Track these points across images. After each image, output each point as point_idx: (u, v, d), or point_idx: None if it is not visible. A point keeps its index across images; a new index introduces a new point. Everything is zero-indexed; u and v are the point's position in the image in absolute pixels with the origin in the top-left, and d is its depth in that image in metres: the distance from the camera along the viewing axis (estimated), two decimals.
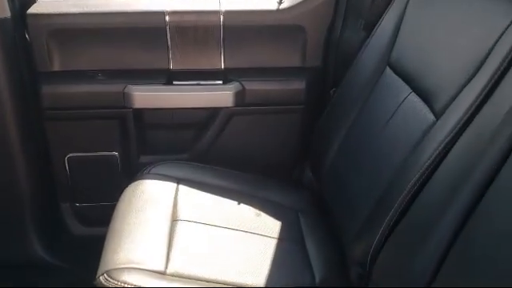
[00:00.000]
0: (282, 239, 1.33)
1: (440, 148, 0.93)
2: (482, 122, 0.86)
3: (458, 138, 0.90)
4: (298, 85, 1.63)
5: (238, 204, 1.44)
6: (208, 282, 1.12)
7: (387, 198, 1.04)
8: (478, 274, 0.76)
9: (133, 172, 1.55)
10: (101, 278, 1.09)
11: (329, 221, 1.41)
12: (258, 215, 1.42)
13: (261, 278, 1.17)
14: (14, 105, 1.53)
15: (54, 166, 1.70)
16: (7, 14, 1.45)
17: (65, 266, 1.75)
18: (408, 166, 1.01)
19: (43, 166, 1.70)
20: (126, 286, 1.05)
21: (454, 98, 0.96)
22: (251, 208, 1.44)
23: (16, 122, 1.56)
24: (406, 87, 1.18)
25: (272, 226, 1.37)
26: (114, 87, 1.57)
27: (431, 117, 1.02)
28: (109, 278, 1.08)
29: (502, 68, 0.87)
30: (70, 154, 1.67)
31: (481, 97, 0.89)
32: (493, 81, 0.88)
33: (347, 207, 1.23)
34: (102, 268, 1.12)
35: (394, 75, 1.25)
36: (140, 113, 1.63)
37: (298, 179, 1.73)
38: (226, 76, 1.61)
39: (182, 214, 1.32)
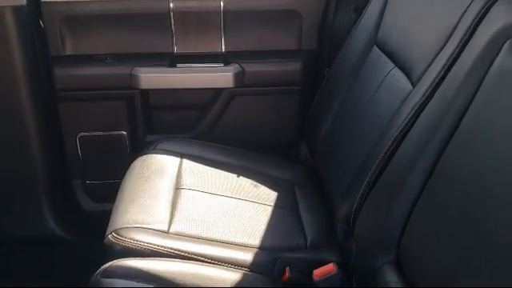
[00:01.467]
0: (277, 207, 1.43)
1: (412, 112, 1.03)
2: (446, 88, 0.96)
3: (428, 103, 1.00)
4: (294, 66, 1.73)
5: (238, 177, 1.55)
6: (207, 240, 1.22)
7: (368, 161, 1.14)
8: (442, 224, 0.85)
9: (140, 150, 1.66)
10: (109, 236, 1.20)
11: (322, 191, 1.51)
12: (256, 186, 1.52)
13: (257, 238, 1.27)
14: (29, 87, 1.65)
15: (66, 145, 1.81)
16: (23, 2, 1.56)
17: (77, 241, 1.86)
18: (387, 130, 1.10)
19: (56, 144, 1.81)
20: (132, 241, 1.16)
21: (426, 69, 1.06)
22: (249, 180, 1.54)
23: (31, 103, 1.67)
24: (390, 62, 1.27)
25: (269, 196, 1.48)
26: (121, 69, 1.69)
27: (409, 86, 1.12)
28: (117, 236, 1.18)
29: (463, 41, 0.97)
30: (81, 134, 1.78)
31: (446, 66, 0.99)
32: (455, 54, 0.98)
33: (336, 174, 1.33)
34: (111, 228, 1.23)
35: (380, 52, 1.35)
36: (146, 94, 1.74)
37: (295, 156, 1.82)
38: (226, 59, 1.72)
39: (184, 183, 1.43)
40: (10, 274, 1.76)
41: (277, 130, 1.82)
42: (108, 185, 1.85)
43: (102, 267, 1.08)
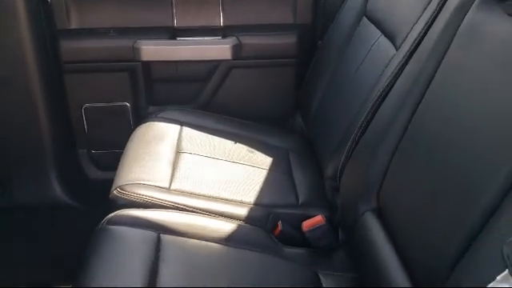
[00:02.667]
0: (271, 170, 1.52)
1: (394, 73, 1.11)
2: (423, 48, 1.04)
3: (408, 63, 1.08)
4: (290, 39, 1.81)
5: (235, 143, 1.63)
6: (206, 196, 1.32)
7: (354, 122, 1.23)
8: (416, 171, 0.94)
9: (142, 121, 1.75)
10: (114, 191, 1.29)
11: (314, 157, 1.60)
12: (252, 152, 1.61)
13: (251, 196, 1.36)
14: (36, 59, 1.73)
15: (72, 116, 1.90)
16: None
17: (82, 207, 1.96)
18: (371, 93, 1.19)
19: (62, 115, 1.90)
20: (135, 195, 1.26)
21: (408, 33, 1.14)
22: (246, 147, 1.63)
23: (38, 75, 1.75)
24: (377, 31, 1.35)
25: (264, 161, 1.57)
26: (124, 42, 1.77)
27: (393, 51, 1.21)
28: (121, 191, 1.28)
29: (440, 4, 1.05)
30: (87, 105, 1.87)
31: (425, 28, 1.08)
32: (433, 16, 1.07)
33: (326, 138, 1.42)
34: (115, 185, 1.32)
35: (369, 23, 1.43)
36: (148, 66, 1.82)
37: (290, 126, 1.91)
38: (224, 32, 1.80)
39: (184, 148, 1.52)
40: (17, 239, 1.86)
41: (273, 101, 1.90)
42: (112, 154, 1.94)
43: (108, 216, 1.17)
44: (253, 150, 1.62)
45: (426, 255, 0.84)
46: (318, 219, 1.25)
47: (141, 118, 1.85)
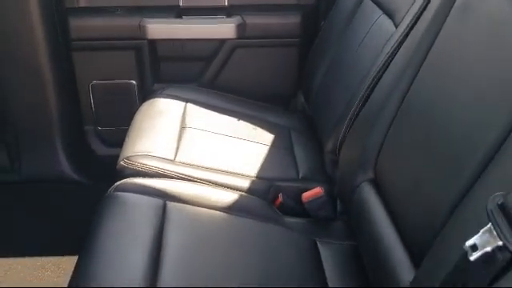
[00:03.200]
0: (273, 146, 1.57)
1: (392, 49, 1.15)
2: (420, 25, 1.08)
3: (405, 40, 1.12)
4: (293, 19, 1.84)
5: (238, 120, 1.68)
6: (209, 168, 1.36)
7: (353, 98, 1.27)
8: (411, 142, 0.98)
9: (148, 98, 1.79)
10: (121, 162, 1.34)
11: (315, 134, 1.64)
12: (254, 129, 1.66)
13: (253, 170, 1.41)
14: (45, 37, 1.77)
15: (80, 93, 1.94)
16: None
17: (88, 183, 2.01)
18: (370, 69, 1.23)
19: (70, 92, 1.94)
20: (142, 165, 1.31)
21: (406, 12, 1.18)
22: (248, 124, 1.67)
23: (47, 52, 1.80)
24: (378, 10, 1.39)
25: (266, 137, 1.61)
26: (131, 21, 1.81)
27: (393, 28, 1.24)
28: (128, 161, 1.33)
29: None
30: (94, 82, 1.91)
31: (422, 7, 1.11)
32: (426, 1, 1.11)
33: (327, 115, 1.47)
34: (122, 156, 1.37)
35: (370, 2, 1.47)
36: (154, 44, 1.86)
37: (293, 105, 1.95)
38: (229, 11, 1.83)
39: (189, 123, 1.57)
40: (26, 212, 1.91)
41: (276, 80, 1.94)
42: (118, 131, 1.99)
43: (116, 184, 1.23)
44: (255, 127, 1.66)
45: (418, 219, 0.88)
46: (317, 191, 1.30)
47: (146, 95, 1.90)
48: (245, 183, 1.34)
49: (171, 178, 1.29)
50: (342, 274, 1.12)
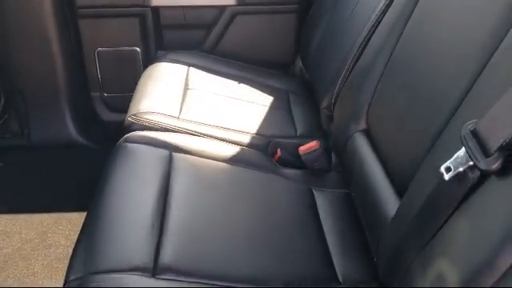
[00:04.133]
0: (272, 107, 1.65)
1: (382, 8, 1.23)
2: None
3: (392, 3, 1.20)
4: None
5: (238, 83, 1.76)
6: (212, 125, 1.44)
7: (347, 56, 1.35)
8: (398, 91, 1.06)
9: (152, 62, 1.86)
10: (129, 118, 1.42)
11: (312, 97, 1.72)
12: (254, 92, 1.73)
13: (253, 127, 1.49)
14: (52, 4, 1.83)
15: (86, 60, 2.02)
16: None
17: (94, 147, 2.09)
18: (362, 30, 1.31)
19: (77, 59, 2.01)
20: (148, 120, 1.39)
21: None
22: (248, 87, 1.75)
23: (54, 20, 1.86)
24: None
25: (265, 99, 1.69)
26: None
27: None
28: (134, 117, 1.41)
29: None
30: (99, 49, 1.98)
31: None
32: None
33: (323, 74, 1.54)
34: (129, 113, 1.45)
35: None
36: (157, 12, 1.93)
37: (292, 71, 2.03)
38: None
39: (192, 85, 1.64)
40: (36, 175, 1.99)
41: (275, 46, 2.01)
42: (123, 97, 2.06)
43: (125, 136, 1.31)
44: (255, 89, 1.74)
45: (402, 155, 0.97)
46: (313, 144, 1.38)
47: (150, 62, 1.96)
48: (245, 139, 1.43)
49: (176, 132, 1.37)
50: (335, 218, 1.20)
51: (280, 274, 1.00)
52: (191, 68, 1.76)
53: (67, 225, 1.65)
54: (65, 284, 0.92)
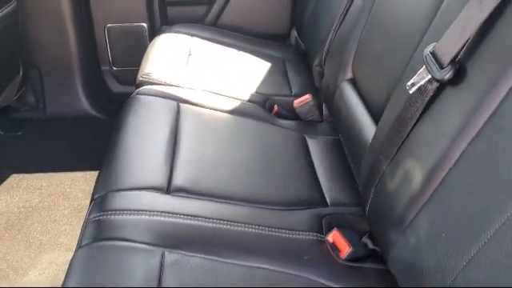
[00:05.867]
0: (270, 71, 1.80)
1: None
2: None
3: None
4: None
5: (238, 51, 1.91)
6: (213, 83, 1.59)
7: (335, 18, 1.51)
8: (381, 39, 1.21)
9: (158, 33, 2.01)
10: (140, 77, 1.58)
11: (307, 63, 1.87)
12: (253, 59, 1.88)
13: (252, 87, 1.64)
14: None
15: (96, 36, 2.17)
16: None
17: (105, 118, 2.24)
18: None
19: (88, 35, 2.16)
20: (156, 79, 1.54)
21: None
22: (247, 54, 1.90)
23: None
24: None
25: (263, 65, 1.84)
26: None
27: None
28: (145, 76, 1.56)
29: None
30: (109, 25, 2.14)
31: None
32: None
33: (315, 37, 1.69)
34: (140, 73, 1.61)
35: None
36: None
37: (289, 42, 2.18)
38: None
39: (195, 52, 1.80)
40: (51, 144, 2.14)
41: (272, 20, 2.17)
42: (131, 70, 2.21)
43: (137, 90, 1.46)
44: (253, 57, 1.89)
45: (379, 87, 1.12)
46: (307, 97, 1.53)
47: (156, 36, 2.12)
48: (245, 95, 1.57)
49: (182, 87, 1.52)
50: (325, 157, 1.35)
51: (275, 197, 1.14)
52: (194, 38, 1.91)
53: (83, 181, 1.80)
54: (91, 202, 1.07)
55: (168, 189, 1.08)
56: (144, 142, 1.22)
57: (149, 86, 1.48)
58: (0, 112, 2.06)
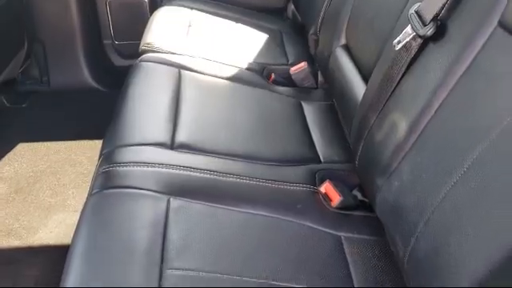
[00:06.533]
0: (267, 42, 1.86)
1: None
2: None
3: None
4: None
5: (236, 23, 1.97)
6: (212, 51, 1.66)
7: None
8: (366, 13, 1.28)
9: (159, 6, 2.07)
10: (142, 46, 1.64)
11: (303, 35, 1.93)
12: (250, 30, 1.94)
13: (250, 56, 1.70)
14: None
15: (99, 10, 2.22)
16: None
17: (107, 90, 2.30)
18: None
19: (91, 10, 2.22)
20: (158, 46, 1.60)
21: None
22: (246, 26, 1.96)
23: None
24: None
25: (261, 36, 1.90)
26: None
27: None
28: (147, 44, 1.63)
29: None
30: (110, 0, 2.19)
31: None
32: None
33: (311, 9, 1.75)
34: (143, 42, 1.67)
35: None
36: None
37: (286, 16, 2.24)
38: None
39: (195, 23, 1.86)
40: (55, 115, 2.21)
41: None
42: (132, 44, 2.28)
43: (140, 57, 1.53)
44: (251, 28, 1.95)
45: (370, 49, 1.19)
46: (303, 64, 1.60)
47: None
48: (243, 64, 1.64)
49: (183, 55, 1.59)
50: (319, 120, 1.42)
51: (272, 154, 1.22)
52: (194, 11, 1.97)
53: (87, 148, 1.88)
54: (99, 158, 1.14)
55: (172, 145, 1.15)
56: (148, 104, 1.29)
57: (151, 54, 1.55)
58: (6, 85, 2.12)
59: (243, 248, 0.92)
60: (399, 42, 0.96)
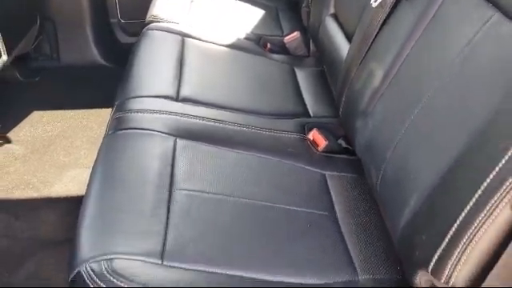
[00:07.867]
0: (263, 17, 1.99)
1: None
2: None
3: None
4: None
5: (235, 0, 2.11)
6: (212, 21, 1.80)
7: None
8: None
9: None
10: (149, 18, 1.78)
11: (298, 11, 2.07)
12: (248, 6, 2.07)
13: (246, 29, 1.84)
14: None
15: None
16: None
17: (114, 67, 2.44)
18: None
19: None
20: (163, 18, 1.74)
21: None
22: (243, 3, 2.08)
23: None
24: None
25: (256, 12, 2.03)
26: None
27: None
28: (153, 16, 1.77)
29: None
30: None
31: None
32: None
33: None
34: (148, 15, 1.81)
35: None
36: None
37: None
38: None
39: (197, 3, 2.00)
40: (66, 88, 2.34)
41: None
42: (137, 23, 2.41)
43: (146, 27, 1.67)
44: (249, 5, 2.08)
45: (355, 20, 1.33)
46: (296, 34, 1.74)
47: None
48: (241, 34, 1.78)
49: (186, 25, 1.73)
50: (310, 83, 1.56)
51: (266, 109, 1.36)
52: None
53: (97, 116, 2.02)
54: (112, 108, 1.29)
55: (177, 98, 1.30)
56: (155, 65, 1.44)
57: (157, 23, 1.69)
58: (19, 60, 2.26)
59: (240, 177, 1.07)
60: (376, 1, 1.10)
